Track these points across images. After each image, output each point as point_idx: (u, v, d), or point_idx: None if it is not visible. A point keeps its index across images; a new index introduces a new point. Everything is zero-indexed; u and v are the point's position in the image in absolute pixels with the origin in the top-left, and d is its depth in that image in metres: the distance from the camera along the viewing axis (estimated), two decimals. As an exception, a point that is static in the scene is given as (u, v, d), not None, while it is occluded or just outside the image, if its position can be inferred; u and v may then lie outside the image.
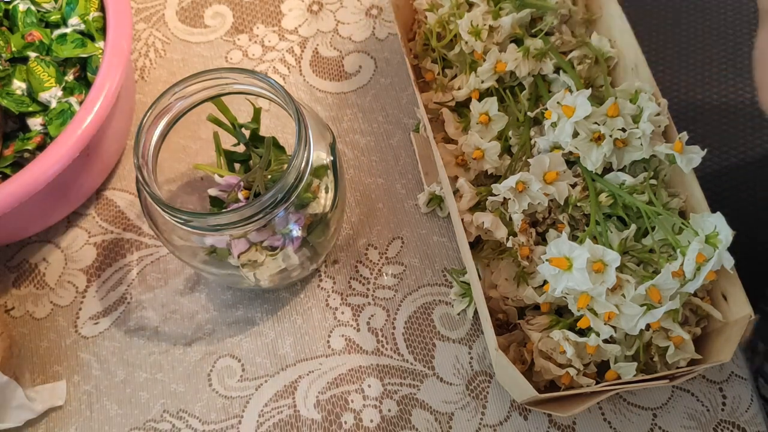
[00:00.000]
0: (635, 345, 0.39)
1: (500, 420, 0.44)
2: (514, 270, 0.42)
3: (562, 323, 0.40)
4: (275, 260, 0.42)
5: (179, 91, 0.40)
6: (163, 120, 0.40)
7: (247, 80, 0.40)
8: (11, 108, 0.46)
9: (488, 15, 0.47)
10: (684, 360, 0.39)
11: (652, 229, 0.40)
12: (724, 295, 0.40)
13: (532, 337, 0.40)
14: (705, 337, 0.41)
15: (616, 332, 0.38)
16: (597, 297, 0.37)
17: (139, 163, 0.38)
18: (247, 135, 0.47)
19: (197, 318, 0.48)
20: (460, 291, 0.46)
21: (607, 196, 0.41)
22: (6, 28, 0.49)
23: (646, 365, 0.40)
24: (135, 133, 0.39)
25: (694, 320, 0.41)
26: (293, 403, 0.45)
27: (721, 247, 0.37)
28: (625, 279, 0.38)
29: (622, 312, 0.37)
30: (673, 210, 0.42)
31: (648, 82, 0.44)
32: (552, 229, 0.43)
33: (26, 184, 0.42)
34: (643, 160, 0.42)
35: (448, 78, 0.49)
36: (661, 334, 0.39)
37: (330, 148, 0.42)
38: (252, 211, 0.37)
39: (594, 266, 0.37)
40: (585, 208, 0.42)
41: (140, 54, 0.57)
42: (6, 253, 0.51)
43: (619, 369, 0.39)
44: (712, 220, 0.38)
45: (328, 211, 0.42)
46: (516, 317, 0.43)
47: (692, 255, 0.37)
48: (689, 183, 0.42)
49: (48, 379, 0.47)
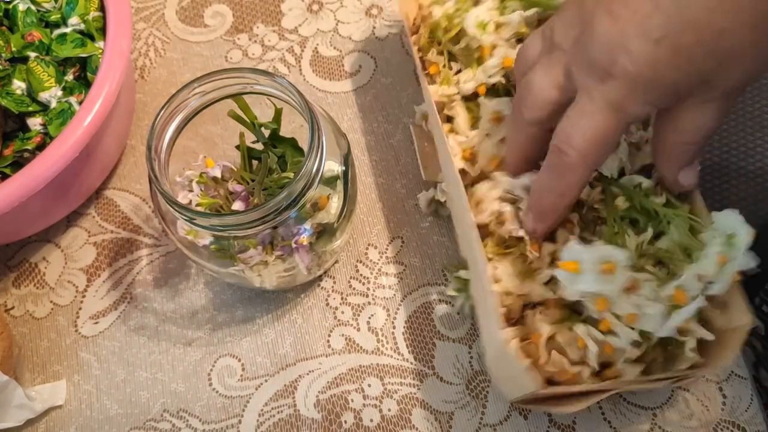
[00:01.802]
0: (643, 347, 0.39)
1: (500, 419, 0.44)
2: (520, 265, 0.42)
3: (575, 318, 0.40)
4: (282, 263, 0.42)
5: (198, 87, 0.40)
6: (178, 116, 0.40)
7: (267, 82, 0.40)
8: (11, 108, 0.46)
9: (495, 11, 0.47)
10: (687, 363, 0.39)
11: (667, 231, 0.40)
12: (724, 300, 0.40)
13: (541, 329, 0.40)
14: (704, 342, 0.41)
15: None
16: (615, 299, 0.37)
17: (151, 157, 0.38)
18: (267, 135, 0.46)
19: (197, 318, 0.48)
20: (456, 286, 0.46)
21: (624, 200, 0.41)
22: (6, 27, 0.49)
23: (647, 367, 0.40)
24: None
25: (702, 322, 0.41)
26: (293, 403, 0.45)
27: (743, 246, 0.37)
28: (642, 278, 0.37)
29: (644, 312, 0.37)
30: (688, 214, 0.42)
31: None
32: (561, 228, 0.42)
33: (26, 184, 0.42)
34: (650, 164, 0.42)
35: (453, 71, 0.49)
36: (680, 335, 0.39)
37: (344, 158, 0.42)
38: (258, 215, 0.37)
39: (604, 267, 0.37)
40: (601, 211, 0.42)
41: (140, 54, 0.57)
42: (6, 253, 0.51)
43: (623, 369, 0.39)
44: (730, 220, 0.38)
45: (335, 220, 0.42)
46: (519, 313, 0.42)
47: (713, 256, 0.36)
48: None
49: (48, 379, 0.47)
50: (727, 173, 0.59)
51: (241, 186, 0.43)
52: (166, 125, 0.40)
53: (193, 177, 0.42)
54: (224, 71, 0.40)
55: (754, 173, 0.59)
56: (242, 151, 0.44)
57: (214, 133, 0.45)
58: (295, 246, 0.41)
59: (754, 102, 0.60)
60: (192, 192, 0.41)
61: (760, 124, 0.59)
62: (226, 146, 0.46)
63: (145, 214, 0.51)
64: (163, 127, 0.39)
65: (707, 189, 0.42)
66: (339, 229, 0.43)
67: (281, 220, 0.38)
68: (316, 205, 0.41)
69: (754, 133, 0.59)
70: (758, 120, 0.60)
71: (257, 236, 0.40)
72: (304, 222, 0.41)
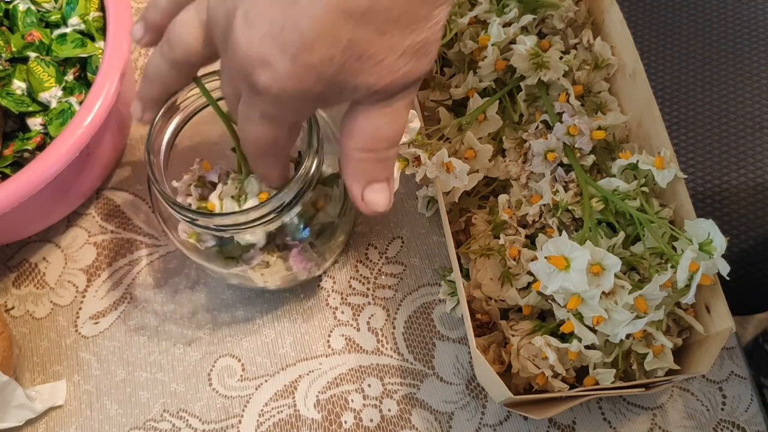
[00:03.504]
0: (615, 352, 0.39)
1: (500, 420, 0.44)
2: (500, 270, 0.42)
3: (545, 328, 0.40)
4: (283, 263, 0.42)
5: (194, 89, 0.40)
6: (176, 118, 0.40)
7: None
8: (11, 108, 0.46)
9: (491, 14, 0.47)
10: (662, 369, 0.39)
11: (642, 236, 0.40)
12: (707, 306, 0.40)
13: (512, 339, 0.40)
14: (686, 347, 0.41)
15: (597, 337, 0.38)
16: (589, 300, 0.37)
17: (150, 160, 0.38)
18: None
19: (197, 317, 0.48)
20: (447, 290, 0.46)
21: (597, 201, 0.41)
22: (6, 27, 0.49)
23: (625, 372, 0.40)
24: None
25: (676, 330, 0.41)
26: (293, 403, 0.45)
27: (716, 254, 0.37)
28: (620, 285, 0.37)
29: (611, 317, 0.37)
30: (663, 219, 0.42)
31: (645, 89, 0.44)
32: (541, 233, 0.43)
33: (26, 184, 0.42)
34: (631, 166, 0.42)
35: (446, 77, 0.49)
36: (641, 342, 0.39)
37: None
38: (257, 213, 0.37)
39: (592, 268, 0.37)
40: (575, 212, 0.42)
41: (140, 53, 0.57)
42: (6, 253, 0.51)
43: (597, 375, 0.39)
44: (704, 227, 0.38)
45: (335, 219, 0.42)
46: (498, 317, 0.43)
47: (686, 263, 0.36)
48: (679, 192, 0.42)
49: (48, 379, 0.47)
50: (727, 173, 0.59)
51: None
52: (164, 128, 0.39)
53: (191, 181, 0.42)
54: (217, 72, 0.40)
55: (753, 173, 0.59)
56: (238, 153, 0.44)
57: (213, 133, 0.45)
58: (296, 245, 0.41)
59: (754, 102, 0.60)
60: (190, 196, 0.41)
61: (760, 124, 0.60)
62: (225, 146, 0.46)
63: (145, 214, 0.51)
64: (161, 129, 0.39)
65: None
66: (339, 228, 0.44)
67: (282, 220, 0.38)
68: (316, 204, 0.41)
69: (754, 134, 0.59)
70: (758, 120, 0.60)
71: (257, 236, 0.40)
72: (304, 221, 0.41)
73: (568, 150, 0.43)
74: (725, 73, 0.55)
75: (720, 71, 0.55)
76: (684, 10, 0.58)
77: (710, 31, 0.57)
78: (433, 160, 0.41)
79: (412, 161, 0.42)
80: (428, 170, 0.41)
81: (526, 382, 0.41)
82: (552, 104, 0.45)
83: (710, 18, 0.57)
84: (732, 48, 0.56)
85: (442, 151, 0.41)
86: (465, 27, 0.47)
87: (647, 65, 0.54)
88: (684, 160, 0.51)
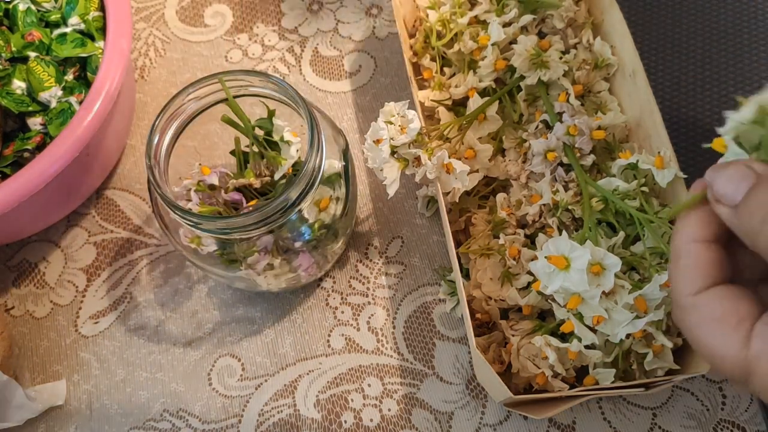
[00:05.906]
0: (615, 351, 0.39)
1: (500, 419, 0.44)
2: (500, 269, 0.42)
3: (545, 328, 0.40)
4: (287, 265, 0.42)
5: (193, 92, 0.40)
6: (176, 121, 0.40)
7: (262, 83, 0.40)
8: (11, 108, 0.46)
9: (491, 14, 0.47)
10: (662, 369, 0.39)
11: (642, 236, 0.40)
12: None
13: (512, 339, 0.40)
14: (686, 347, 0.41)
15: (597, 337, 0.38)
16: (589, 300, 0.37)
17: (151, 164, 0.38)
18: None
19: (197, 317, 0.48)
20: (447, 290, 0.46)
21: (597, 201, 0.41)
22: (6, 27, 0.49)
23: (625, 372, 0.40)
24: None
25: (676, 330, 0.41)
26: (293, 403, 0.45)
27: None
28: (620, 285, 0.37)
29: (611, 317, 0.37)
30: (663, 219, 0.42)
31: (645, 89, 0.44)
32: (541, 233, 0.43)
33: (26, 184, 0.42)
34: (631, 165, 0.42)
35: (447, 76, 0.49)
36: (641, 342, 0.39)
37: (342, 153, 0.42)
38: (261, 216, 0.37)
39: (592, 268, 0.37)
40: (575, 211, 0.42)
41: (140, 53, 0.57)
42: (6, 253, 0.51)
43: (597, 375, 0.39)
44: None
45: (338, 219, 0.42)
46: (498, 317, 0.43)
47: None
48: (679, 192, 0.42)
49: (48, 379, 0.47)
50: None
51: (239, 194, 0.42)
52: (164, 131, 0.40)
53: (191, 186, 0.42)
54: (217, 75, 0.40)
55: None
56: (237, 156, 0.44)
57: (213, 134, 0.45)
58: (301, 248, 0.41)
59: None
60: (191, 201, 0.41)
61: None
62: (226, 147, 0.46)
63: (145, 214, 0.51)
64: (160, 133, 0.39)
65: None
66: (340, 228, 0.43)
67: (284, 221, 0.38)
68: (319, 205, 0.41)
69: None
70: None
71: (260, 239, 0.39)
72: (306, 223, 0.41)
73: (568, 150, 0.43)
74: (725, 73, 0.55)
75: (720, 71, 0.55)
76: (684, 10, 0.57)
77: (710, 31, 0.56)
78: (433, 160, 0.41)
79: (412, 161, 0.42)
80: (428, 171, 0.41)
81: (526, 382, 0.41)
82: (552, 104, 0.45)
83: (710, 18, 0.57)
84: (732, 48, 0.56)
85: (443, 152, 0.41)
86: (465, 27, 0.48)
87: (647, 65, 0.54)
88: (684, 160, 0.51)
